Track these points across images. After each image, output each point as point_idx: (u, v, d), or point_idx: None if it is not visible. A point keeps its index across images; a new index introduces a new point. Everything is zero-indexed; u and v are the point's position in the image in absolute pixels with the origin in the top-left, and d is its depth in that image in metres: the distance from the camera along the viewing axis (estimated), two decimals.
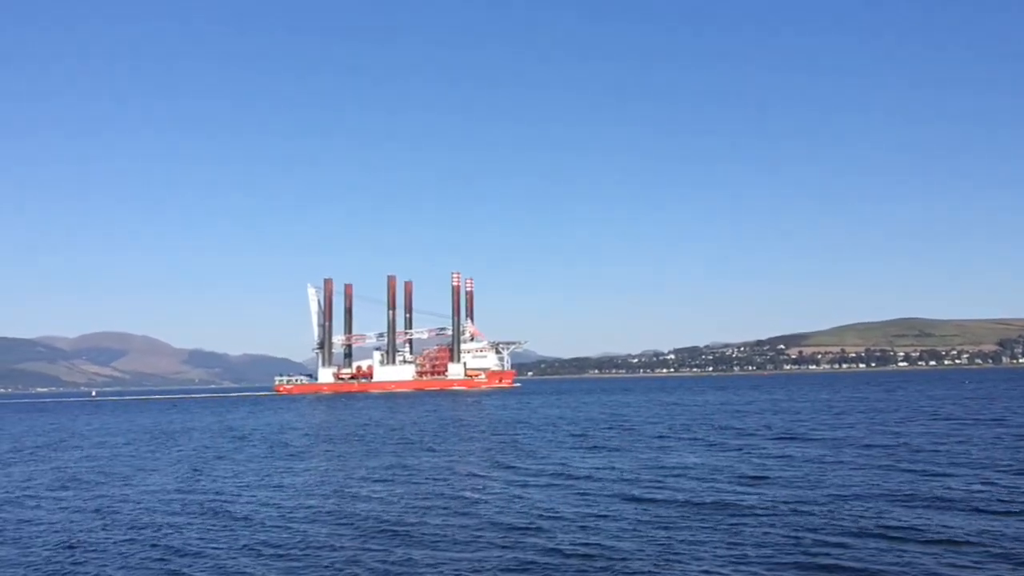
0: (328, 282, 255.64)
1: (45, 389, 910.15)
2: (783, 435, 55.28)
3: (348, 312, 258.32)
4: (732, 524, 24.92)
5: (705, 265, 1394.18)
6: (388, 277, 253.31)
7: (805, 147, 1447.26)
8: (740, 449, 46.61)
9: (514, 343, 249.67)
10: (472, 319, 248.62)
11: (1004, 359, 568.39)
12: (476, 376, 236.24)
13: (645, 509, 28.11)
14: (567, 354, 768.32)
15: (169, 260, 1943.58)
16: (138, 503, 33.68)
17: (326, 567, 21.66)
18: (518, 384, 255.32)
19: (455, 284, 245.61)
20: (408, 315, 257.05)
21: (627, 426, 68.70)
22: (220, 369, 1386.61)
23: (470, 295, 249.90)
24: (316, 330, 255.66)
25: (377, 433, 68.72)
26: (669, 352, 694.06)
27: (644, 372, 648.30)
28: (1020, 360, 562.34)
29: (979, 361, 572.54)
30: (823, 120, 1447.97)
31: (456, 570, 20.91)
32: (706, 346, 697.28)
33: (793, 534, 23.22)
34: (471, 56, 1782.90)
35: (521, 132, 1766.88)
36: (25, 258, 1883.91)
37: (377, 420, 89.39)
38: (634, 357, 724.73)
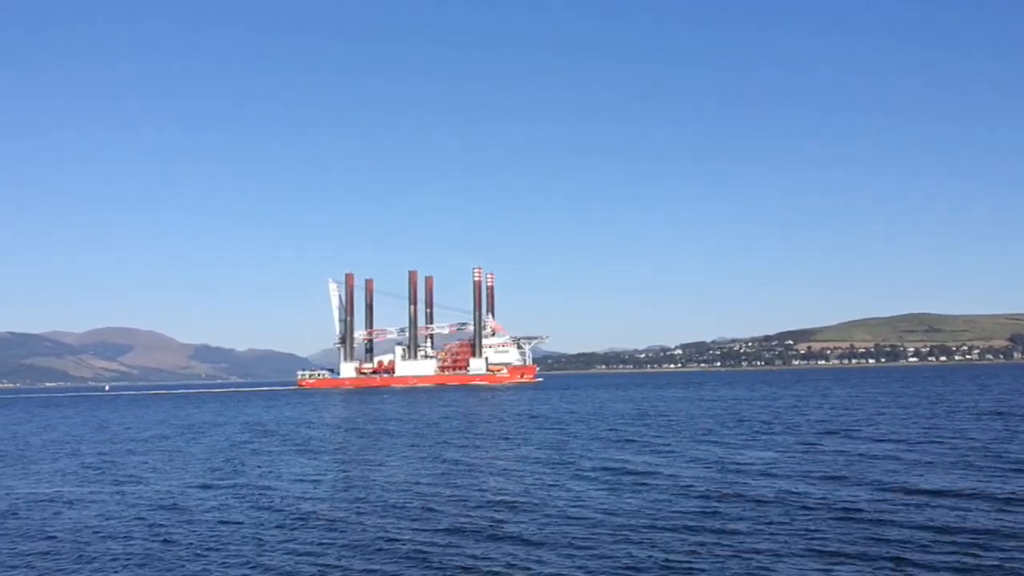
0: (349, 277, 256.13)
1: (53, 384, 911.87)
2: (836, 431, 54.47)
3: (369, 307, 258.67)
4: (866, 525, 24.07)
5: (711, 260, 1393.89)
6: (409, 272, 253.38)
7: (811, 144, 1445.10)
8: (802, 445, 45.90)
9: (536, 338, 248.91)
10: (493, 314, 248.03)
11: (1016, 355, 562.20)
12: (498, 371, 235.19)
13: (757, 510, 27.09)
14: (573, 349, 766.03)
15: (175, 256, 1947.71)
16: (209, 499, 33.29)
17: (439, 566, 21.26)
18: (540, 379, 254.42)
19: (476, 279, 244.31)
20: (429, 310, 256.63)
21: (667, 422, 67.70)
22: (227, 364, 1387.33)
23: (491, 290, 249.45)
24: (337, 325, 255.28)
25: (416, 428, 68.16)
26: (676, 347, 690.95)
27: (651, 367, 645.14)
28: None
29: (990, 356, 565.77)
30: (826, 118, 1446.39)
31: (611, 569, 20.27)
32: (713, 341, 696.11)
33: (950, 538, 22.21)
34: (470, 56, 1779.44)
35: (521, 131, 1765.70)
36: (32, 255, 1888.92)
37: (407, 415, 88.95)
38: (641, 352, 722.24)
